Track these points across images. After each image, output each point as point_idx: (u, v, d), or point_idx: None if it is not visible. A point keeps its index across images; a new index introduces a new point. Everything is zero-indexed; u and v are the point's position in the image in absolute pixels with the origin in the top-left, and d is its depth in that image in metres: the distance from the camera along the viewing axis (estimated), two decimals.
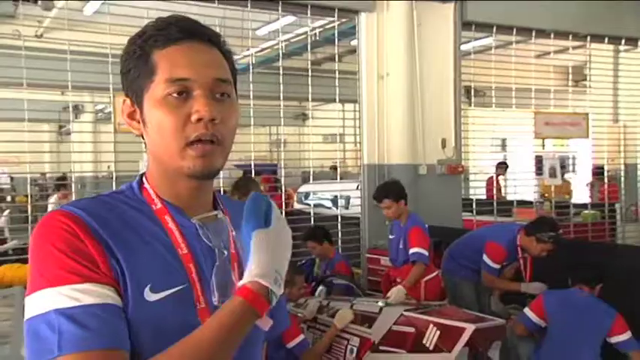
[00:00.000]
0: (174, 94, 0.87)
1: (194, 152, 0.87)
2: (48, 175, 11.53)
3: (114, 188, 4.78)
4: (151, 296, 0.84)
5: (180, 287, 0.87)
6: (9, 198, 9.73)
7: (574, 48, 6.92)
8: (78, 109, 10.28)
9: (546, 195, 7.36)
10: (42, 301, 0.79)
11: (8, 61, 4.70)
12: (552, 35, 6.39)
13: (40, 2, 4.62)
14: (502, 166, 8.31)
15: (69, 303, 0.78)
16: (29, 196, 5.05)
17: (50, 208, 6.80)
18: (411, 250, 3.81)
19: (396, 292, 3.41)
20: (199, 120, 0.86)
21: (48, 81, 4.71)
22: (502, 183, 8.45)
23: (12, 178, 12.43)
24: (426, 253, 3.80)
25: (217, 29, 0.96)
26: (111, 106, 4.47)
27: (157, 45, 0.89)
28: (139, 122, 0.92)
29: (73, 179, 6.53)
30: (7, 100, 6.18)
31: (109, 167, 5.27)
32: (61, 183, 6.62)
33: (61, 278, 0.79)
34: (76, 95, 8.53)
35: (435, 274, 4.00)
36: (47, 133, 13.23)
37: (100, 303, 0.79)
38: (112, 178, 4.90)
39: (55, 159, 10.89)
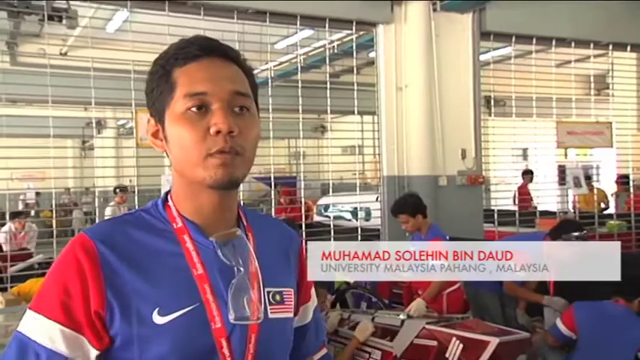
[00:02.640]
0: (194, 109, 0.89)
1: (215, 161, 0.88)
2: (72, 190, 11.74)
3: (136, 201, 4.90)
4: (159, 319, 0.86)
5: (192, 307, 0.87)
6: (33, 212, 9.93)
7: (595, 56, 6.83)
8: (101, 125, 10.46)
9: (581, 205, 7.20)
10: (26, 320, 0.87)
11: (34, 79, 4.83)
12: (573, 44, 6.32)
13: (64, 21, 4.73)
14: (529, 174, 8.20)
15: (39, 337, 0.84)
16: (54, 211, 5.15)
17: (109, 211, 6.95)
18: None
19: (417, 304, 3.38)
20: (218, 132, 0.87)
21: (72, 98, 4.81)
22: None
23: (38, 194, 12.67)
24: None
25: (236, 44, 0.98)
26: (133, 122, 4.54)
27: (178, 63, 0.91)
28: (162, 140, 0.94)
29: (96, 193, 6.67)
30: (33, 118, 6.35)
31: (130, 181, 5.35)
32: (120, 192, 7.28)
33: (46, 308, 0.85)
34: (99, 111, 8.69)
35: (457, 286, 3.94)
36: (71, 148, 13.51)
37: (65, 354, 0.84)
38: (133, 192, 4.98)
39: (79, 174, 11.09)
